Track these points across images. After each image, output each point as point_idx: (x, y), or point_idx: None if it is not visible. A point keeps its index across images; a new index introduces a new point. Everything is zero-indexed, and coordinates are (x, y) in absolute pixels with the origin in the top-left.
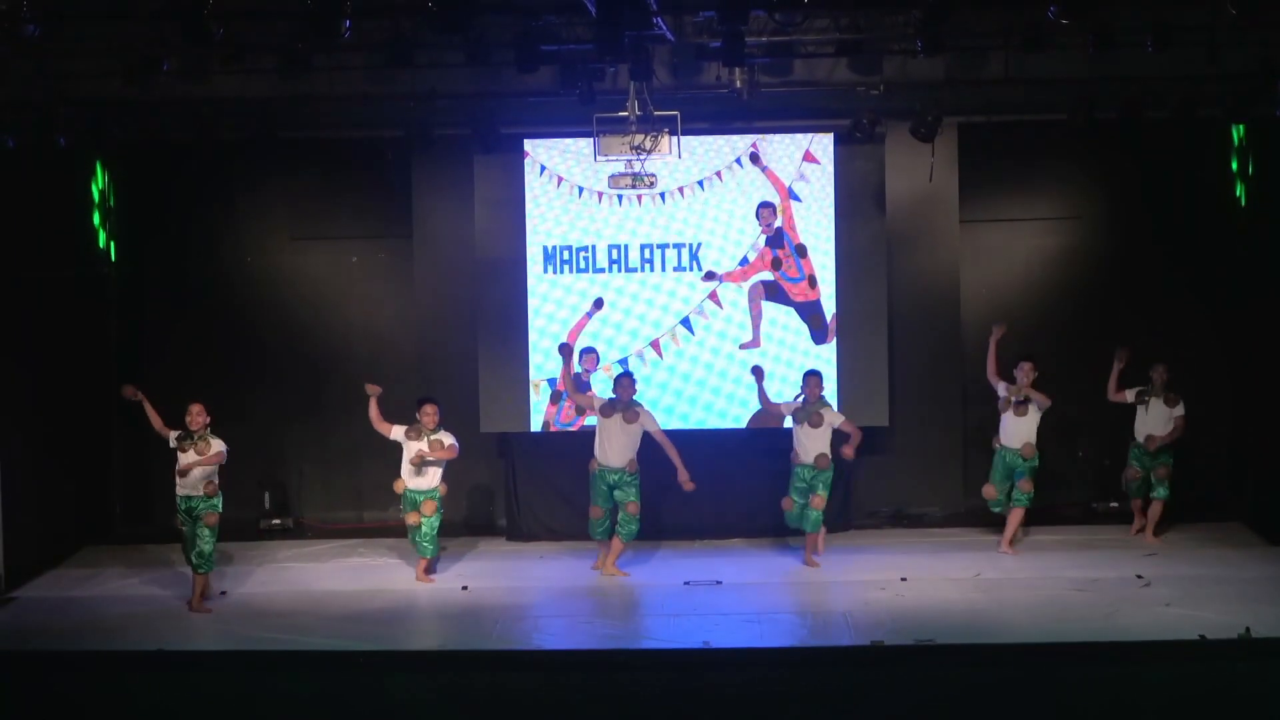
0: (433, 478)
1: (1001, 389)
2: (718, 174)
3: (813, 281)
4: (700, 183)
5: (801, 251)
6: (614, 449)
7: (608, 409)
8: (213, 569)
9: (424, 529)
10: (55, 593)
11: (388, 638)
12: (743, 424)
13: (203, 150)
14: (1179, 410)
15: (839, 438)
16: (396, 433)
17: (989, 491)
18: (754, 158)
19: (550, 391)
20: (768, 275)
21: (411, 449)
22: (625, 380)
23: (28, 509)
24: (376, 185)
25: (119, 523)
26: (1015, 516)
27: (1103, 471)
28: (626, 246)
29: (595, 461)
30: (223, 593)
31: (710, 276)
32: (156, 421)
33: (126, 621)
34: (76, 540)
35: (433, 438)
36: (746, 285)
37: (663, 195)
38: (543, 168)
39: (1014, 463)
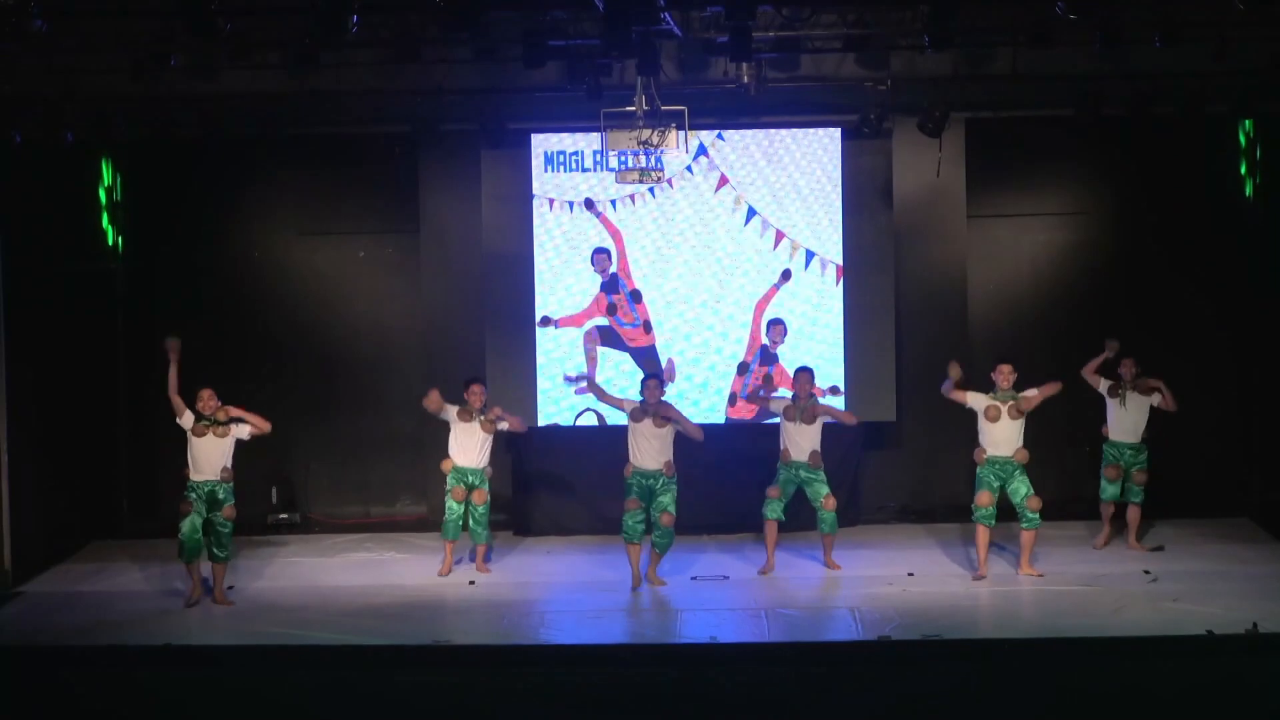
0: (483, 456)
1: (972, 399)
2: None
3: (648, 327)
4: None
5: (636, 297)
6: (648, 452)
7: (638, 414)
8: (231, 558)
9: (478, 515)
10: (62, 588)
11: (395, 633)
12: (750, 420)
13: (210, 146)
14: (1155, 400)
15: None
16: (449, 412)
17: (985, 498)
18: (588, 204)
19: (738, 363)
20: (602, 321)
21: (462, 429)
22: (653, 383)
23: (35, 504)
24: (384, 181)
25: (126, 518)
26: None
27: None
28: (634, 243)
29: (630, 466)
30: (230, 587)
31: (545, 322)
32: (174, 385)
33: (133, 617)
34: (83, 535)
35: (484, 418)
36: (581, 331)
37: (651, 190)
38: (549, 162)
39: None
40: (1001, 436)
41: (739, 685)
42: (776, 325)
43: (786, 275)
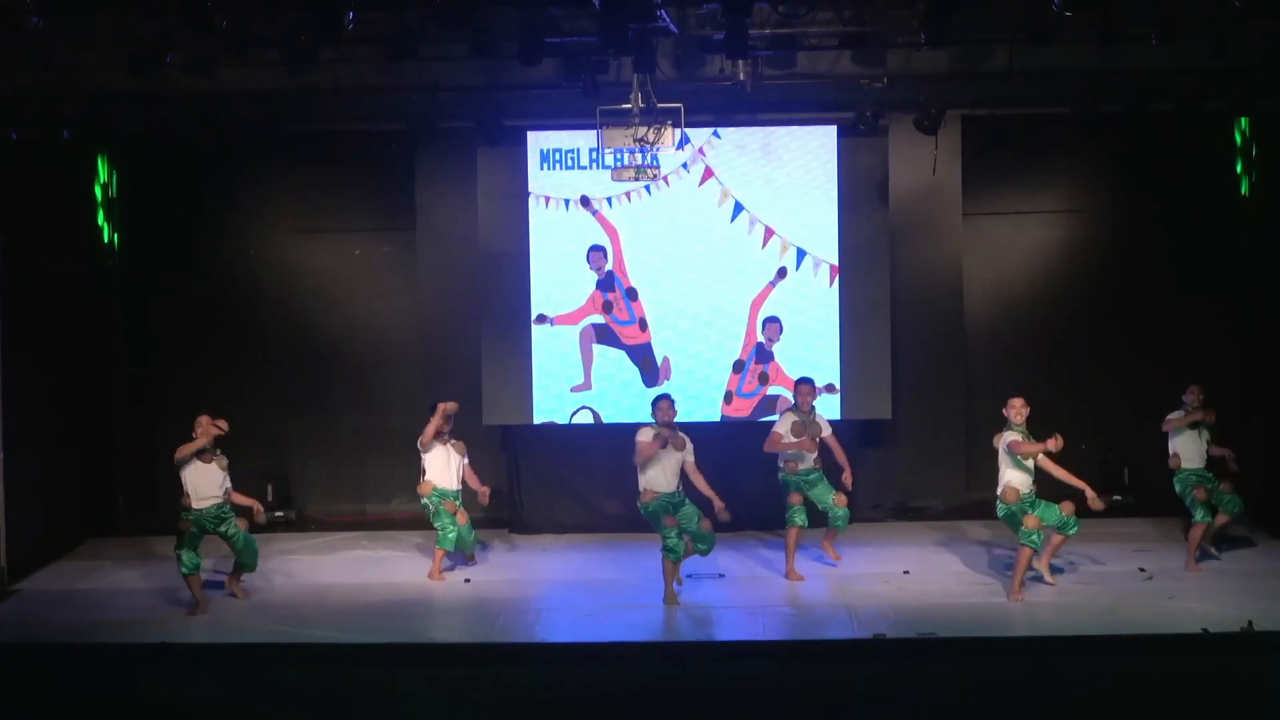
0: (459, 479)
1: (1004, 439)
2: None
3: (643, 324)
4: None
5: (632, 295)
6: (667, 475)
7: (659, 440)
8: (256, 566)
9: (466, 530)
10: (59, 585)
11: (391, 631)
12: (746, 419)
13: (207, 143)
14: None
15: (824, 447)
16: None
17: (1033, 521)
18: (584, 201)
19: (734, 361)
20: (598, 319)
21: (439, 450)
22: (665, 403)
23: (32, 501)
24: (380, 177)
25: (123, 515)
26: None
27: (1105, 465)
28: (631, 240)
29: (649, 493)
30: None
31: (542, 320)
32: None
33: (129, 615)
34: (81, 533)
35: (455, 443)
36: (578, 328)
37: (647, 188)
38: (545, 160)
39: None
40: (1027, 475)
41: (735, 683)
42: (772, 323)
43: (783, 273)
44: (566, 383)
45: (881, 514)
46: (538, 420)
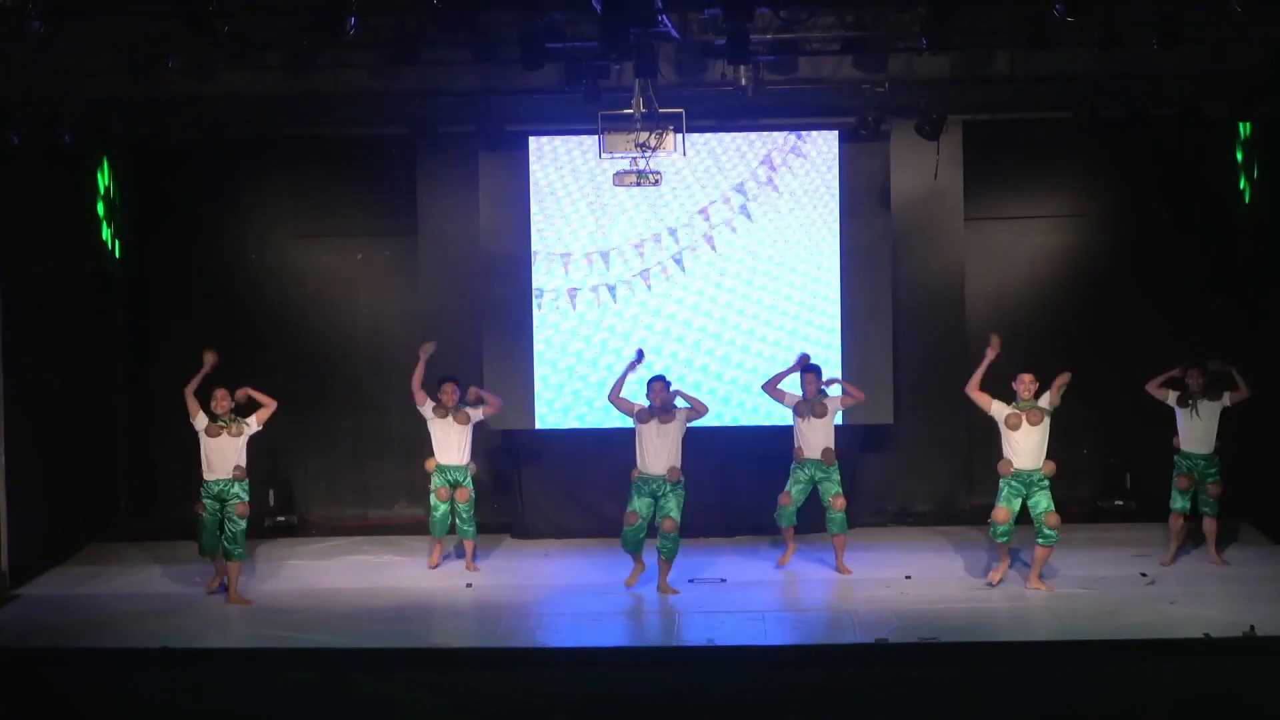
0: (464, 452)
1: (995, 408)
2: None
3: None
4: None
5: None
6: (652, 456)
7: (644, 415)
8: (245, 556)
9: (463, 512)
10: (60, 590)
11: (392, 635)
12: (747, 422)
13: (208, 147)
14: (1226, 401)
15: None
16: (427, 407)
17: (1002, 514)
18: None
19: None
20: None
21: (440, 426)
22: (659, 384)
23: (33, 504)
24: (381, 182)
25: (124, 519)
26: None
27: (1107, 469)
28: (632, 245)
29: (636, 470)
30: (226, 588)
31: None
32: (193, 386)
33: (130, 619)
34: (82, 537)
35: (457, 414)
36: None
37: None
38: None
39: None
40: (1024, 447)
41: (736, 688)
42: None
43: (784, 278)
44: (568, 388)
45: (883, 519)
46: (540, 425)
